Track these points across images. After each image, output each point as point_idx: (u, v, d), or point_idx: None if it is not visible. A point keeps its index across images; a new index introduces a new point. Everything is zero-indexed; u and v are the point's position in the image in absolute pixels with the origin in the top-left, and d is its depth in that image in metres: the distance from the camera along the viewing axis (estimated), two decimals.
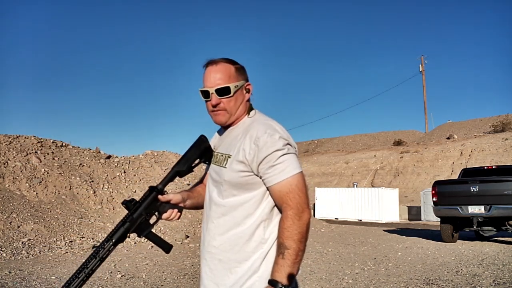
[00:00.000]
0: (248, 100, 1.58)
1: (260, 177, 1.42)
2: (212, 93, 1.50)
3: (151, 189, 1.55)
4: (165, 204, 1.56)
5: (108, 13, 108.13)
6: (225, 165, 1.48)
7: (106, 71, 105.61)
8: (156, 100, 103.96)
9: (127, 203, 1.52)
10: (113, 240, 1.47)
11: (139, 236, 1.54)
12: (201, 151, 1.59)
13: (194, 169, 1.61)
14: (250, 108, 1.58)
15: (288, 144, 1.41)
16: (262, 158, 1.38)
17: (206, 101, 1.54)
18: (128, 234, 1.52)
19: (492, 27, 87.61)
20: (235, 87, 1.50)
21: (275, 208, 1.44)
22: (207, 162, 1.62)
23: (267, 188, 1.42)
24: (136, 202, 1.53)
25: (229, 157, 1.47)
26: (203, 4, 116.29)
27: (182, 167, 1.58)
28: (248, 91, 1.56)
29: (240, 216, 1.45)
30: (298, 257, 1.36)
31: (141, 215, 1.52)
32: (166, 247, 1.60)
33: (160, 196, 1.54)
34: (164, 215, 1.58)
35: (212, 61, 1.54)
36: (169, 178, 1.57)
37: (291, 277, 1.34)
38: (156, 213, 1.57)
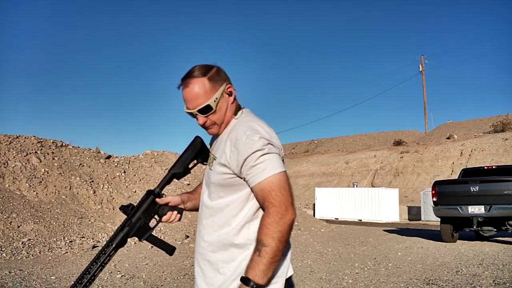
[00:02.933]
0: (234, 99, 1.53)
1: (244, 179, 1.40)
2: (196, 114, 1.49)
3: (149, 192, 1.56)
4: (164, 207, 1.58)
5: (108, 13, 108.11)
6: (212, 167, 1.50)
7: (106, 71, 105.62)
8: (156, 100, 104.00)
9: (124, 208, 1.53)
10: (113, 245, 1.48)
11: (140, 240, 1.55)
12: (196, 152, 1.60)
13: (191, 171, 1.62)
14: (238, 108, 1.55)
15: (269, 144, 1.39)
16: (243, 160, 1.37)
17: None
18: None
19: (492, 27, 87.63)
20: (214, 101, 1.46)
21: (261, 209, 1.43)
22: (205, 163, 1.62)
23: (251, 189, 1.41)
24: (133, 207, 1.54)
25: (215, 159, 1.49)
26: (204, 3, 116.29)
27: (178, 170, 1.59)
28: (230, 93, 1.51)
29: (225, 217, 1.45)
30: (275, 257, 1.32)
31: (140, 219, 1.54)
32: (169, 249, 1.61)
33: (158, 199, 1.56)
34: (164, 218, 1.59)
35: (183, 82, 1.49)
36: (166, 181, 1.58)
37: (266, 277, 1.31)
38: (156, 216, 1.58)
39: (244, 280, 1.31)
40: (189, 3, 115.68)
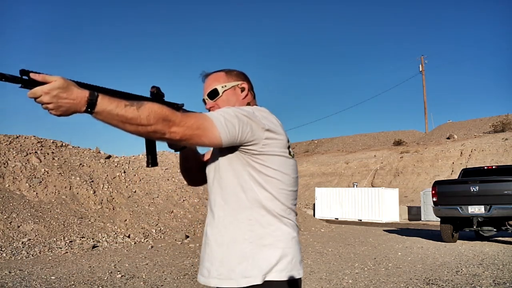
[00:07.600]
0: (246, 97, 1.61)
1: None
2: (205, 99, 1.61)
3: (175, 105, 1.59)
4: None
5: (107, 13, 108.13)
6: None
7: (106, 70, 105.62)
8: None
9: (158, 89, 1.54)
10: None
11: None
12: None
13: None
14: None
15: (248, 117, 1.36)
16: None
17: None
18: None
19: (492, 27, 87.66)
20: (222, 87, 1.57)
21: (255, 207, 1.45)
22: None
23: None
24: (162, 96, 1.56)
25: None
26: (208, 6, 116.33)
27: None
28: (243, 89, 1.60)
29: None
30: (128, 119, 1.20)
31: None
32: (151, 161, 1.62)
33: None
34: None
35: (205, 74, 1.64)
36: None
37: (105, 110, 1.20)
38: None
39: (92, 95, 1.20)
40: (191, 7, 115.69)
